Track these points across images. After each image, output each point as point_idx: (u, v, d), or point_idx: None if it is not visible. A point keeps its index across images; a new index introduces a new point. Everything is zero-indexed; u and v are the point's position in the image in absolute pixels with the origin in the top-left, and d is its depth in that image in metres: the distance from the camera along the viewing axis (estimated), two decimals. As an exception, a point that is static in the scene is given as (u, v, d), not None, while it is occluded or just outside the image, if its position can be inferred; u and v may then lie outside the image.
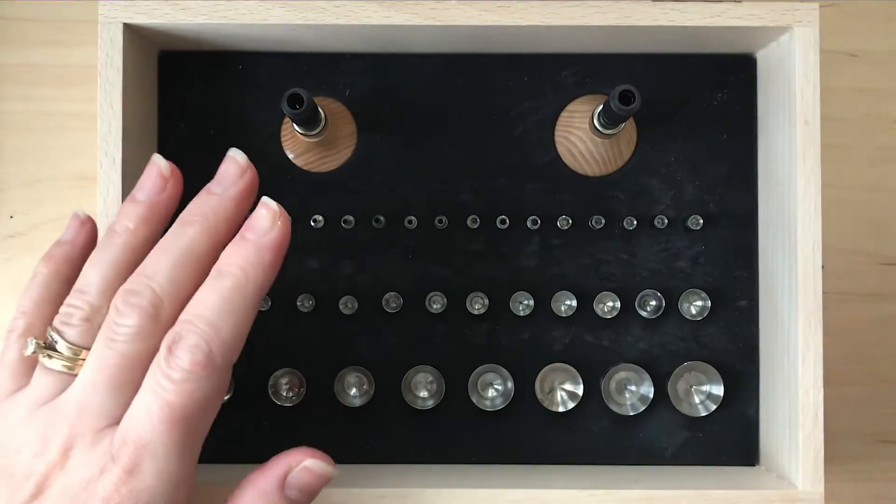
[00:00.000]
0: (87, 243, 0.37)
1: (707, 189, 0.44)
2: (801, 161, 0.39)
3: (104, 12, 0.39)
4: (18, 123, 0.46)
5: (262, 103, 0.43)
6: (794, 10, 0.40)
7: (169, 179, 0.35)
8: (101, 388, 0.31)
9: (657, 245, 0.43)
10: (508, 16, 0.40)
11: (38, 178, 0.46)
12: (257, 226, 0.33)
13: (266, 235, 0.32)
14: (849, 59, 0.46)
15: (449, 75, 0.44)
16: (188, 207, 0.34)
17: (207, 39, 0.42)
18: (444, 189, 0.44)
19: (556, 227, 0.43)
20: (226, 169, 0.35)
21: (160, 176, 0.35)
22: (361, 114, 0.44)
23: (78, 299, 0.33)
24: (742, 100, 0.44)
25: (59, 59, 0.46)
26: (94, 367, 0.31)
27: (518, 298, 0.43)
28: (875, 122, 0.46)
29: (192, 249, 0.32)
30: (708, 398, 0.43)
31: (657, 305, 0.43)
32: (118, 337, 0.31)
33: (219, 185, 0.34)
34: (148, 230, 0.34)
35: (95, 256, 0.33)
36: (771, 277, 0.42)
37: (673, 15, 0.40)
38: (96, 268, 0.33)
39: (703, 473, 0.42)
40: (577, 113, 0.43)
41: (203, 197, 0.34)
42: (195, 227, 0.33)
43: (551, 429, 0.43)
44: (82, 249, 0.37)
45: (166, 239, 0.33)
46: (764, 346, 0.43)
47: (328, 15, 0.39)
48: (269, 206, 0.33)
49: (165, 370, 0.30)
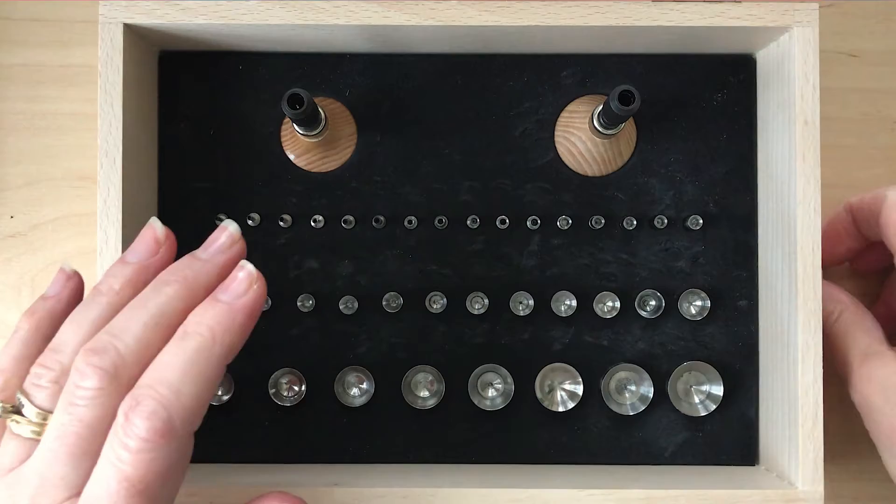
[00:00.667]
0: (71, 299, 0.35)
1: (707, 189, 0.44)
2: (801, 161, 0.39)
3: (105, 12, 0.39)
4: (19, 123, 0.46)
5: (263, 103, 0.43)
6: (794, 10, 0.40)
7: (163, 244, 0.34)
8: (62, 457, 0.29)
9: (657, 245, 0.44)
10: (508, 16, 0.40)
11: (38, 178, 0.46)
12: (232, 288, 0.31)
13: (240, 298, 0.31)
14: (848, 59, 0.46)
15: (449, 75, 0.44)
16: (169, 267, 0.33)
17: (208, 40, 0.42)
18: (444, 189, 0.44)
19: (556, 227, 0.43)
20: (216, 237, 0.33)
21: (154, 240, 0.34)
22: (361, 114, 0.44)
23: (49, 359, 0.31)
24: (742, 100, 0.44)
25: (60, 60, 0.46)
26: (54, 435, 0.29)
27: (518, 298, 0.43)
28: (875, 123, 0.46)
29: (166, 310, 0.31)
30: (707, 398, 0.43)
31: (657, 305, 0.43)
32: (78, 401, 0.29)
33: (205, 251, 0.33)
34: (133, 292, 0.32)
35: (76, 315, 0.32)
36: (770, 277, 0.42)
37: (672, 15, 0.40)
38: (74, 326, 0.32)
39: (702, 473, 0.42)
40: (576, 113, 0.43)
41: (187, 260, 0.33)
42: (173, 287, 0.31)
43: (551, 429, 0.43)
44: (66, 305, 0.35)
45: (142, 296, 0.32)
46: (763, 346, 0.43)
47: (328, 15, 0.39)
48: (248, 270, 0.32)
49: (122, 439, 0.28)
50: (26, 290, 0.46)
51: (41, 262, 0.46)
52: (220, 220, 0.43)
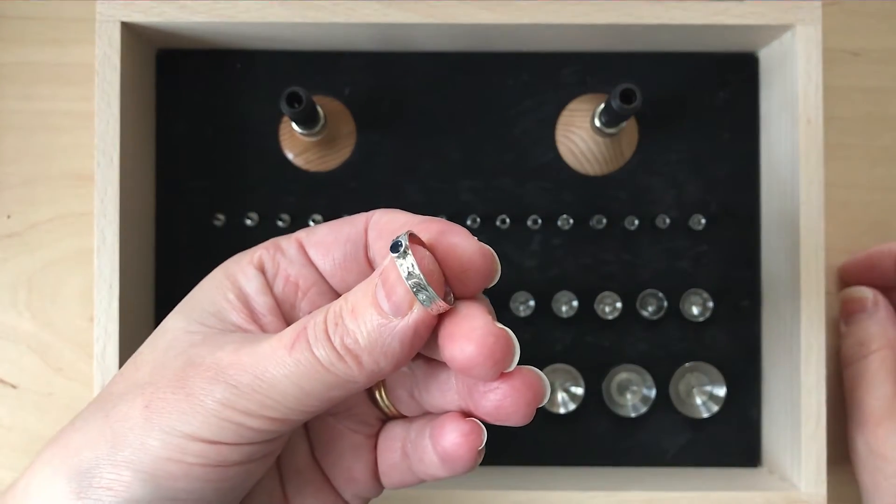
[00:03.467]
0: None
1: (709, 189, 0.43)
2: (804, 160, 0.39)
3: (102, 10, 0.39)
4: (15, 122, 0.46)
5: (261, 102, 0.43)
6: (797, 8, 0.39)
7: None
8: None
9: (659, 245, 0.43)
10: (509, 14, 0.39)
11: (35, 177, 0.45)
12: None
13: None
14: (851, 57, 0.46)
15: (449, 74, 0.43)
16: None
17: (205, 38, 0.42)
18: (444, 188, 0.43)
19: (557, 227, 0.43)
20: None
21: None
22: (361, 113, 0.43)
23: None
24: (744, 99, 0.43)
25: (57, 58, 0.46)
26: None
27: (519, 299, 0.43)
28: (879, 122, 0.45)
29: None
30: (710, 399, 0.43)
31: (659, 306, 0.43)
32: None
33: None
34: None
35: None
36: (773, 278, 0.42)
37: (675, 13, 0.39)
38: None
39: (704, 475, 0.42)
40: (578, 112, 0.43)
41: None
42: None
43: (552, 430, 0.43)
44: None
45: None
46: (766, 347, 0.43)
47: (327, 13, 0.39)
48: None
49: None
50: (23, 290, 0.45)
51: (38, 263, 0.45)
52: (219, 220, 0.43)
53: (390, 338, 0.24)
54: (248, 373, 0.25)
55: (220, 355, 0.26)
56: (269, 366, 0.25)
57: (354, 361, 0.24)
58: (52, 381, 0.45)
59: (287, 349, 0.25)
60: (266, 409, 0.25)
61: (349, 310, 0.24)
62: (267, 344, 0.25)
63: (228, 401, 0.25)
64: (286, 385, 0.25)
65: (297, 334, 0.25)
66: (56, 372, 0.45)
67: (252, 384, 0.25)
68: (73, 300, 0.45)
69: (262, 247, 0.29)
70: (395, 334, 0.24)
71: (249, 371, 0.25)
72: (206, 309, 0.28)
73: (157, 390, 0.26)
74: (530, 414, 0.25)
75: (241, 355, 0.25)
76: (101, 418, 0.26)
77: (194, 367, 0.26)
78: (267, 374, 0.25)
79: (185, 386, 0.25)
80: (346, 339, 0.24)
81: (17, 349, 0.45)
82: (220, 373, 0.25)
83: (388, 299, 0.24)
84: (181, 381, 0.25)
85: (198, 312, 0.28)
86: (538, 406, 0.25)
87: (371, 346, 0.24)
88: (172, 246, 0.43)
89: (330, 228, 0.29)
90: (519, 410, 0.25)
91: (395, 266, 0.23)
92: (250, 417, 0.25)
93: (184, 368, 0.26)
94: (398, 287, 0.23)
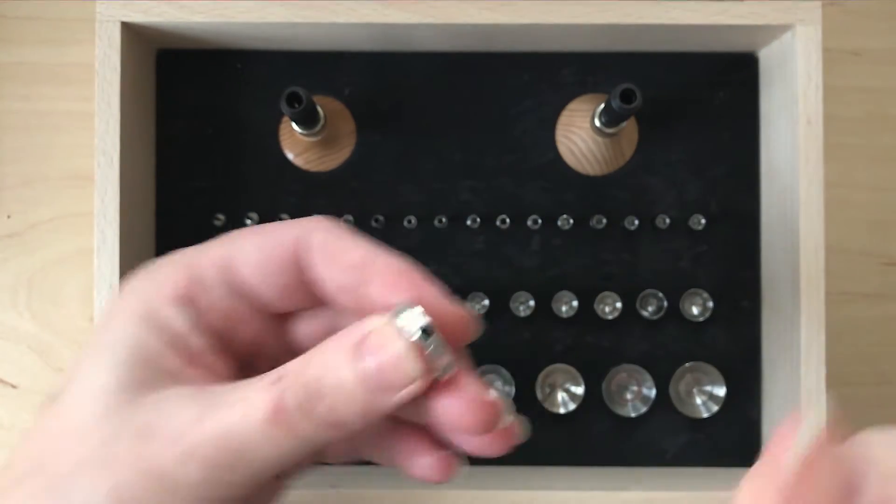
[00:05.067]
0: None
1: (709, 189, 0.43)
2: (804, 161, 0.39)
3: (102, 10, 0.39)
4: (15, 122, 0.46)
5: (261, 102, 0.43)
6: (797, 8, 0.39)
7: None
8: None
9: (659, 245, 0.43)
10: (508, 14, 0.39)
11: (35, 177, 0.46)
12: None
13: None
14: (851, 57, 0.46)
15: (449, 74, 0.43)
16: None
17: (206, 38, 0.42)
18: (444, 188, 0.43)
19: (557, 227, 0.43)
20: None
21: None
22: (361, 112, 0.43)
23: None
24: (744, 99, 0.43)
25: (57, 58, 0.46)
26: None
27: (519, 298, 0.43)
28: (879, 122, 0.46)
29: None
30: (710, 399, 0.43)
31: (659, 306, 0.43)
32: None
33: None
34: None
35: None
36: (773, 278, 0.42)
37: (675, 13, 0.39)
38: None
39: (704, 475, 0.42)
40: (578, 112, 0.43)
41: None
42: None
43: (552, 430, 0.43)
44: None
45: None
46: (766, 347, 0.43)
47: (327, 13, 0.39)
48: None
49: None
50: (23, 290, 0.45)
51: (38, 263, 0.45)
52: (219, 220, 0.42)
53: (381, 408, 0.23)
54: (222, 449, 0.22)
55: (178, 425, 0.22)
56: (245, 441, 0.22)
57: (342, 429, 0.23)
58: (52, 381, 0.45)
59: (267, 423, 0.22)
60: (250, 477, 0.23)
61: (336, 385, 0.22)
62: (237, 412, 0.22)
63: (207, 480, 0.22)
64: (268, 453, 0.22)
65: (276, 406, 0.22)
66: (56, 372, 0.45)
67: (230, 463, 0.22)
68: (73, 300, 0.45)
69: (176, 271, 0.26)
70: (387, 407, 0.23)
71: (223, 447, 0.22)
72: (134, 356, 0.23)
73: (121, 470, 0.22)
74: (507, 450, 0.25)
75: (207, 427, 0.22)
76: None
77: (153, 439, 0.22)
78: (247, 451, 0.22)
79: (152, 468, 0.22)
80: (331, 417, 0.22)
81: (17, 349, 0.45)
82: (189, 450, 0.22)
83: (387, 376, 0.22)
84: (143, 460, 0.22)
85: (123, 361, 0.23)
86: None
87: (363, 417, 0.23)
88: (172, 246, 0.43)
89: (256, 246, 0.25)
90: (497, 452, 0.25)
91: (414, 347, 0.22)
92: (234, 488, 0.23)
93: (140, 443, 0.22)
94: (405, 365, 0.22)
